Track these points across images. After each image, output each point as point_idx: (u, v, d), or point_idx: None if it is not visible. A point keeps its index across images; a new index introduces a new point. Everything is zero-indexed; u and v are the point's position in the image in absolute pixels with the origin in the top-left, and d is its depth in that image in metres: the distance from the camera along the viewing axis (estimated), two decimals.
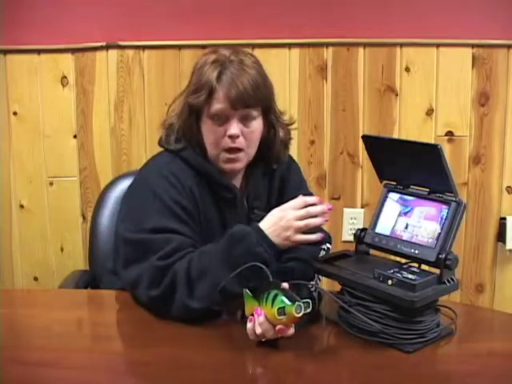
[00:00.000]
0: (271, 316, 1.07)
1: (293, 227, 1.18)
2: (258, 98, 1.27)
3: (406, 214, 1.21)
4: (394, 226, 1.22)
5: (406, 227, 1.20)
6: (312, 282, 1.26)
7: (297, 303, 1.05)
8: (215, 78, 1.25)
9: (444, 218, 1.14)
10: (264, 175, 1.40)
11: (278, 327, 1.08)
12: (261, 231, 1.19)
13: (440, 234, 1.14)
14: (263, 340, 1.10)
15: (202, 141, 1.31)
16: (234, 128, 1.26)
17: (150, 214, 1.25)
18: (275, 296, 1.08)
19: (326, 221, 1.21)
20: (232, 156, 1.29)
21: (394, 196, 1.24)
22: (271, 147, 1.37)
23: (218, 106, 1.25)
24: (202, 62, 1.30)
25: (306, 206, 1.20)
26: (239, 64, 1.26)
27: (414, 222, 1.19)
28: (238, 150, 1.29)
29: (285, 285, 1.12)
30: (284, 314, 1.06)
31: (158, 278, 1.19)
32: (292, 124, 1.41)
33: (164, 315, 1.20)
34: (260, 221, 1.37)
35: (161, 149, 1.39)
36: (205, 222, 1.32)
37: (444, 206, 1.15)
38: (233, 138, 1.27)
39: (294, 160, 1.48)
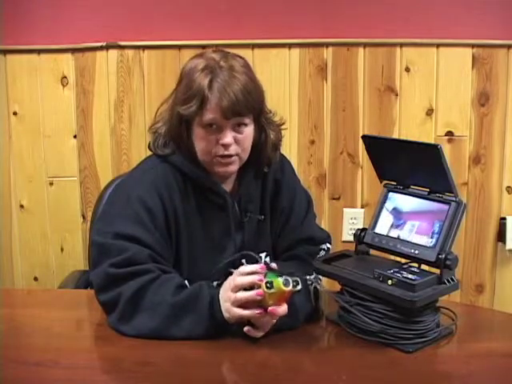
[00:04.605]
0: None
1: (229, 299, 1.12)
2: (249, 105, 1.25)
3: (398, 226, 1.21)
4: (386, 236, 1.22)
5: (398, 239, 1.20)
6: (309, 277, 1.25)
7: (284, 277, 1.08)
8: (206, 86, 1.22)
9: (436, 232, 1.14)
10: (256, 178, 1.39)
11: (269, 309, 1.09)
12: (216, 304, 1.14)
13: (440, 234, 1.14)
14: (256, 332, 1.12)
15: (192, 147, 1.29)
16: (227, 137, 1.24)
17: (118, 218, 1.24)
18: (264, 276, 1.10)
19: (260, 295, 1.09)
20: (225, 160, 1.27)
21: (393, 197, 1.24)
22: (262, 150, 1.34)
23: (210, 115, 1.23)
24: (190, 68, 1.27)
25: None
26: (229, 70, 1.23)
27: (405, 235, 1.19)
28: (231, 155, 1.27)
29: (273, 265, 1.13)
30: (272, 288, 1.07)
31: (106, 285, 1.19)
32: (282, 124, 1.39)
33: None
34: (254, 224, 1.38)
35: None
36: (187, 230, 1.30)
37: (438, 218, 1.15)
38: (225, 146, 1.25)
39: (285, 158, 1.46)
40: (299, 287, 1.09)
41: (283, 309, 1.11)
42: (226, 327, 1.14)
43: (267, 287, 1.08)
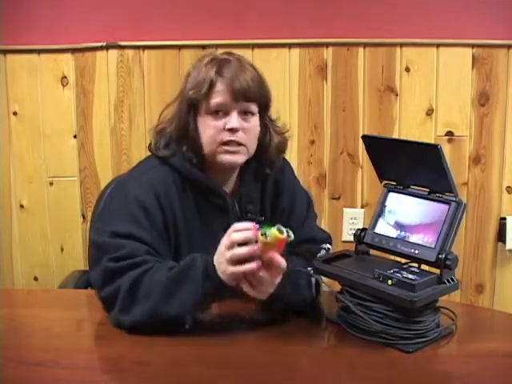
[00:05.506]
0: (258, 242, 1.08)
1: (224, 258, 1.10)
2: (258, 92, 1.27)
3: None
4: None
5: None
6: (310, 268, 1.24)
7: (277, 225, 1.07)
8: (215, 72, 1.25)
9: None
10: (256, 178, 1.39)
11: (269, 254, 1.06)
12: (210, 266, 1.13)
13: (440, 234, 1.14)
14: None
15: (196, 142, 1.29)
16: (234, 121, 1.25)
17: (116, 217, 1.25)
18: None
19: (257, 249, 1.07)
20: (231, 148, 1.27)
21: (394, 196, 1.24)
22: (266, 151, 1.35)
23: (218, 99, 1.25)
24: (196, 65, 1.30)
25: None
26: (238, 61, 1.27)
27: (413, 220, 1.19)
28: (238, 144, 1.27)
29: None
30: (268, 236, 1.06)
31: (105, 281, 1.19)
32: (286, 132, 1.40)
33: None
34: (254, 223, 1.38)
35: None
36: (186, 230, 1.30)
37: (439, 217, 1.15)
38: (233, 131, 1.25)
39: (285, 160, 1.46)
40: (292, 237, 1.07)
41: (281, 259, 1.08)
42: (222, 292, 1.12)
43: (263, 235, 1.06)
